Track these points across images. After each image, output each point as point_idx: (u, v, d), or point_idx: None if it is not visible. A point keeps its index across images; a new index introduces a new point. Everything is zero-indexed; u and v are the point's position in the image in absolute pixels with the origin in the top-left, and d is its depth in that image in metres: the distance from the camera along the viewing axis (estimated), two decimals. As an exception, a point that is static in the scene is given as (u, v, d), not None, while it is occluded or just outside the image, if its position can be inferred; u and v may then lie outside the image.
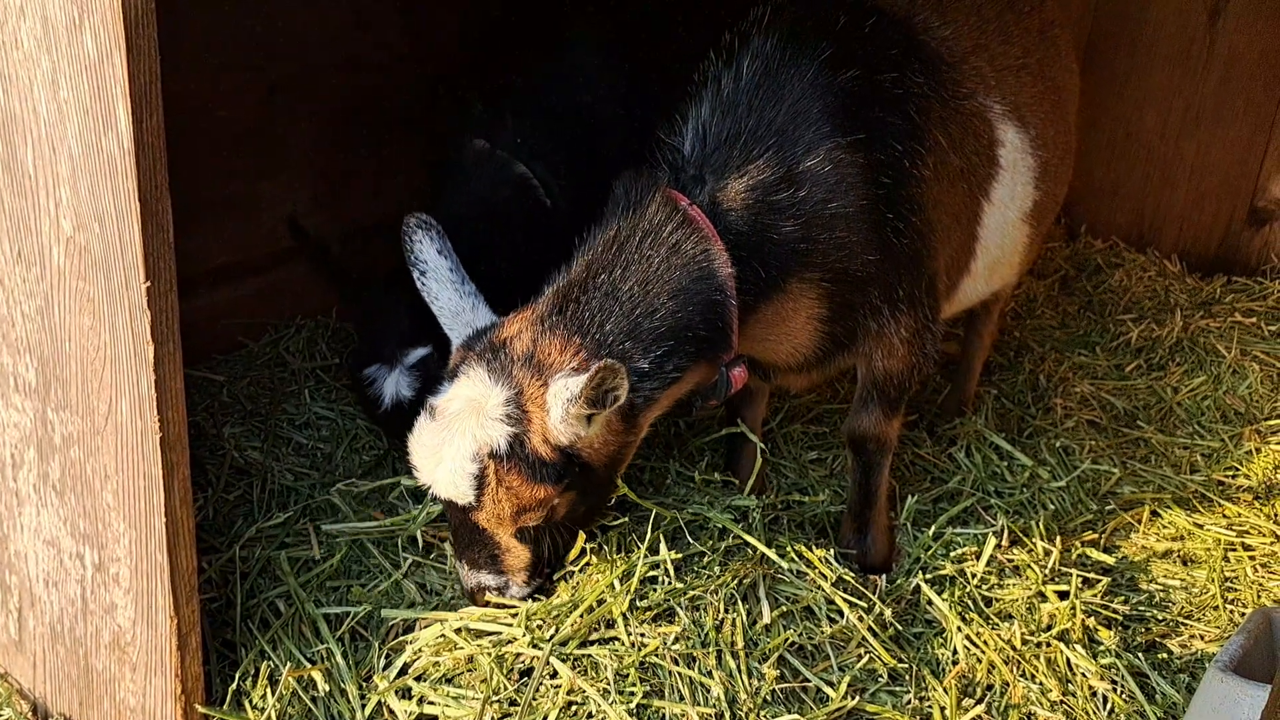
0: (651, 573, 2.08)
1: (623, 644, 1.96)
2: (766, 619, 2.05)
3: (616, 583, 2.04)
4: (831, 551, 2.21)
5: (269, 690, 1.99)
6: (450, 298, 2.08)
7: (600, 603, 2.01)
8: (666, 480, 2.42)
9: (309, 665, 2.03)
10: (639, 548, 2.10)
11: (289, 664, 2.03)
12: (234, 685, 2.00)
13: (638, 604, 2.01)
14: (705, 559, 2.13)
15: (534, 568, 2.07)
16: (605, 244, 2.04)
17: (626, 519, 2.19)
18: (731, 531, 2.19)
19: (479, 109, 2.68)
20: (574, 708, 1.90)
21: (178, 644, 1.89)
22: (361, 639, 2.12)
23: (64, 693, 2.14)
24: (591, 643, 1.97)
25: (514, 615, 2.04)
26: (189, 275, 1.76)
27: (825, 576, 2.15)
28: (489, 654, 1.95)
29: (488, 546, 2.03)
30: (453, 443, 1.93)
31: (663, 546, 2.10)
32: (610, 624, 2.00)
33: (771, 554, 2.15)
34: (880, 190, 2.16)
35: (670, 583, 2.05)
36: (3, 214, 1.86)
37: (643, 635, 1.97)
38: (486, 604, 2.07)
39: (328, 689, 2.00)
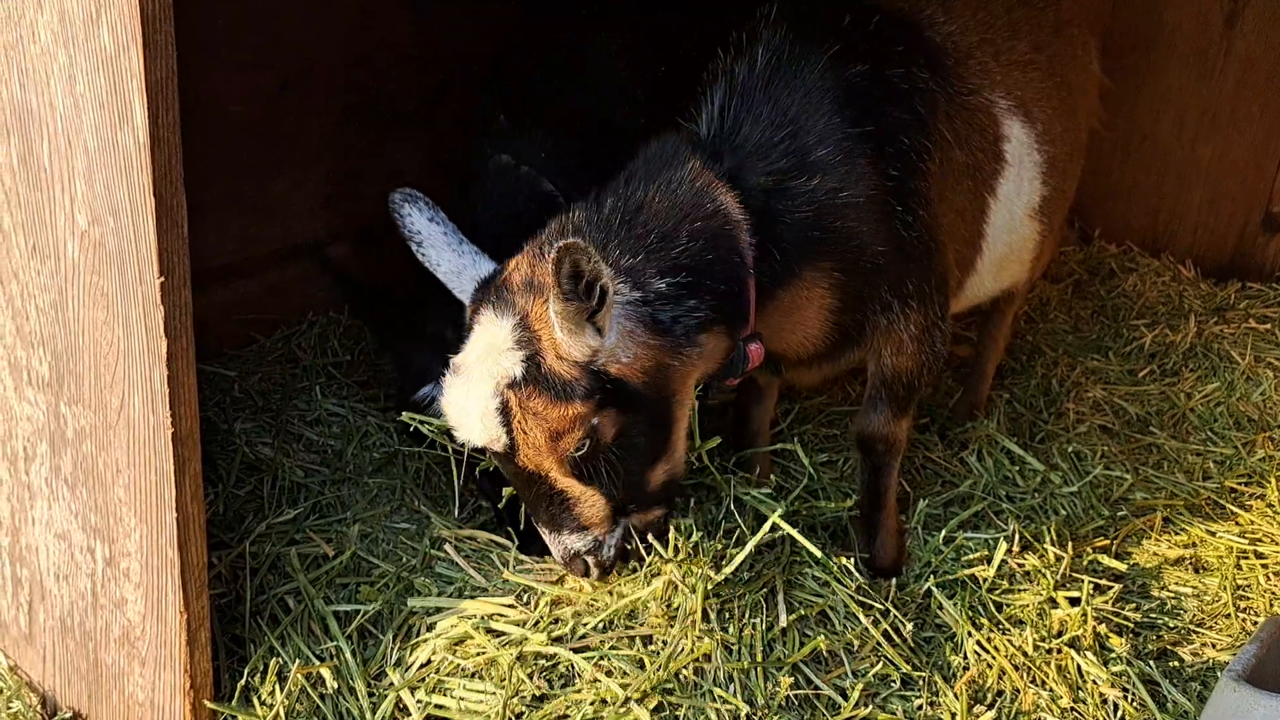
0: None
1: (654, 644, 1.96)
2: (783, 623, 2.05)
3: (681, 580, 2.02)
4: (852, 560, 2.20)
5: (277, 686, 1.99)
6: (449, 259, 2.08)
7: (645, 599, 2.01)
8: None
9: (318, 662, 2.03)
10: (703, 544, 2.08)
11: (298, 661, 2.03)
12: (243, 681, 2.00)
13: (671, 602, 2.01)
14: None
15: (617, 514, 2.01)
16: (621, 182, 2.02)
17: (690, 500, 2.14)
18: (761, 531, 2.18)
19: (502, 121, 2.65)
20: (594, 705, 1.89)
21: (187, 639, 1.89)
22: (371, 636, 2.12)
23: (73, 686, 2.14)
24: (622, 640, 1.97)
25: (536, 610, 2.03)
26: (200, 270, 1.76)
27: (844, 584, 2.14)
28: (510, 652, 1.94)
29: (553, 497, 1.97)
30: (474, 388, 1.91)
31: (731, 555, 2.06)
32: (633, 614, 2.00)
33: (822, 559, 2.13)
34: (889, 182, 2.17)
35: (712, 582, 2.03)
36: (19, 208, 1.86)
37: (673, 638, 1.97)
38: (586, 573, 2.03)
39: (336, 686, 2.00)
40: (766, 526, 2.09)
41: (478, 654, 1.98)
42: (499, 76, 2.81)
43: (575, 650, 1.96)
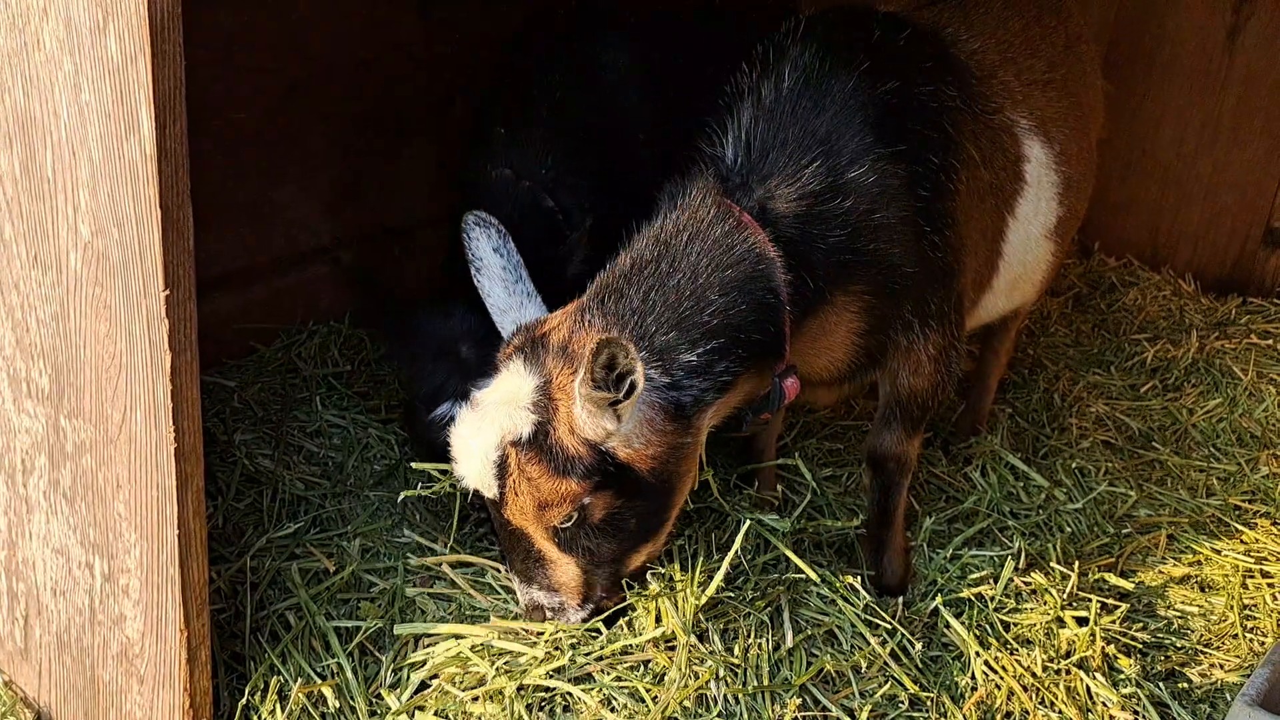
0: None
1: (654, 666, 1.93)
2: (790, 643, 2.03)
3: (675, 608, 1.99)
4: (859, 578, 2.19)
5: (278, 706, 1.96)
6: (500, 295, 2.07)
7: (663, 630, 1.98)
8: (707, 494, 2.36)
9: (319, 680, 2.00)
10: (698, 566, 2.06)
11: (299, 679, 2.00)
12: (243, 700, 1.97)
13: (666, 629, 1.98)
14: (741, 578, 2.10)
15: (588, 588, 1.99)
16: (651, 240, 1.99)
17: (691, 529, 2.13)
18: (764, 549, 2.15)
19: (500, 134, 2.60)
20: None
21: (187, 657, 1.86)
22: (370, 654, 2.09)
23: (69, 703, 2.10)
24: (620, 665, 1.94)
25: (538, 635, 2.00)
26: (200, 278, 1.73)
27: (851, 602, 2.12)
28: (511, 683, 1.91)
29: (531, 554, 1.96)
30: (482, 432, 1.89)
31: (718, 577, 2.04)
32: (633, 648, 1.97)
33: (828, 578, 2.11)
34: (919, 202, 2.14)
35: (695, 606, 2.01)
36: (20, 217, 1.82)
37: (673, 666, 1.94)
38: (542, 620, 2.02)
39: (338, 705, 1.97)
40: (739, 540, 2.07)
41: (478, 684, 1.94)
42: (502, 87, 2.77)
43: (575, 680, 1.92)
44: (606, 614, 2.03)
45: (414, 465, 2.24)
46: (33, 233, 1.81)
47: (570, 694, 1.91)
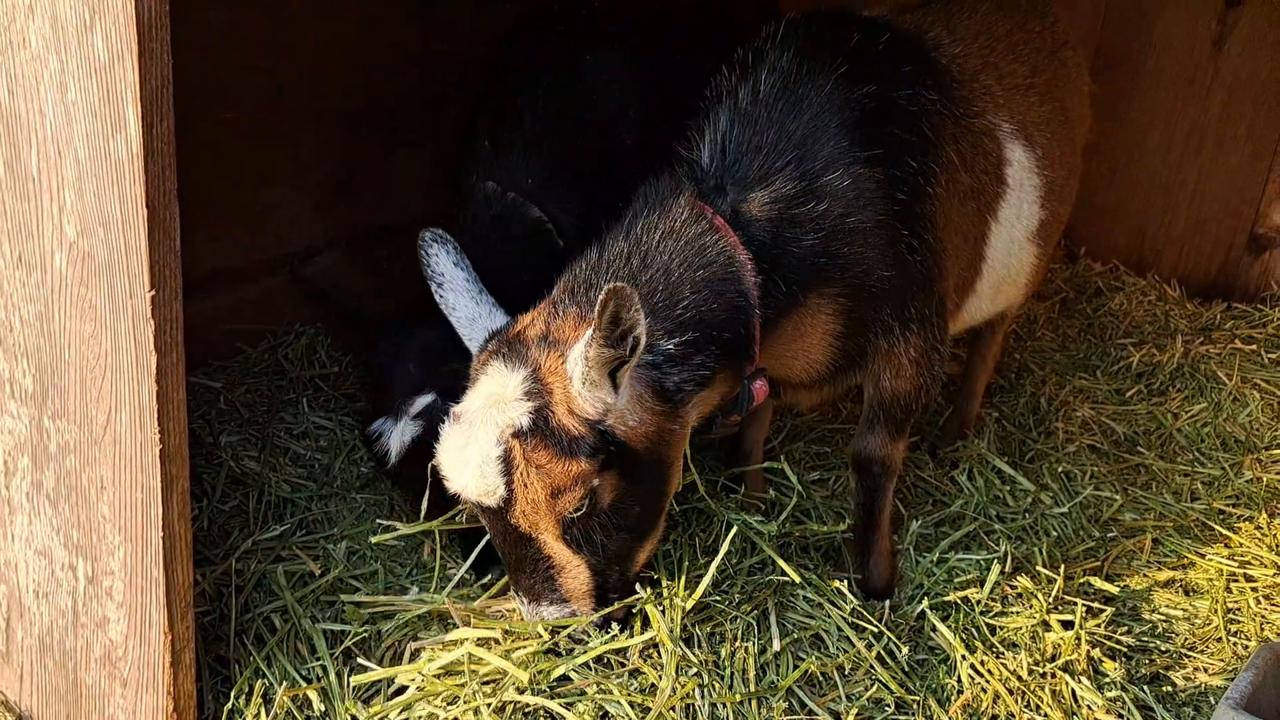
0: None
1: (642, 681, 1.92)
2: (776, 646, 2.03)
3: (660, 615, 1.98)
4: (846, 583, 2.19)
5: (263, 709, 1.95)
6: (467, 306, 2.05)
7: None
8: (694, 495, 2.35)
9: (304, 684, 1.99)
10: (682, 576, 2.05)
11: (284, 683, 1.99)
12: (228, 704, 1.96)
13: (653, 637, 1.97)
14: (727, 581, 2.09)
15: (599, 591, 1.95)
16: (621, 238, 1.99)
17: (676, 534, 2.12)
18: (751, 552, 2.15)
19: (485, 146, 2.55)
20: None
21: (171, 661, 1.85)
22: (354, 659, 2.08)
23: (51, 706, 2.09)
24: (611, 675, 1.93)
25: (516, 649, 1.99)
26: (187, 279, 1.71)
27: (838, 606, 2.12)
28: (488, 699, 1.87)
29: (539, 563, 1.90)
30: (476, 437, 1.85)
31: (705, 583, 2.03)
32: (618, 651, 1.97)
33: (815, 582, 2.12)
34: (896, 206, 2.14)
35: (682, 611, 2.00)
36: (4, 216, 1.81)
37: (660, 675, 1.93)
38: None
39: (323, 709, 1.96)
40: (726, 545, 2.07)
41: (462, 702, 1.91)
42: (489, 89, 2.75)
43: (560, 695, 1.90)
44: (610, 610, 1.99)
45: (381, 523, 2.26)
46: (17, 232, 1.80)
47: (558, 696, 1.90)
